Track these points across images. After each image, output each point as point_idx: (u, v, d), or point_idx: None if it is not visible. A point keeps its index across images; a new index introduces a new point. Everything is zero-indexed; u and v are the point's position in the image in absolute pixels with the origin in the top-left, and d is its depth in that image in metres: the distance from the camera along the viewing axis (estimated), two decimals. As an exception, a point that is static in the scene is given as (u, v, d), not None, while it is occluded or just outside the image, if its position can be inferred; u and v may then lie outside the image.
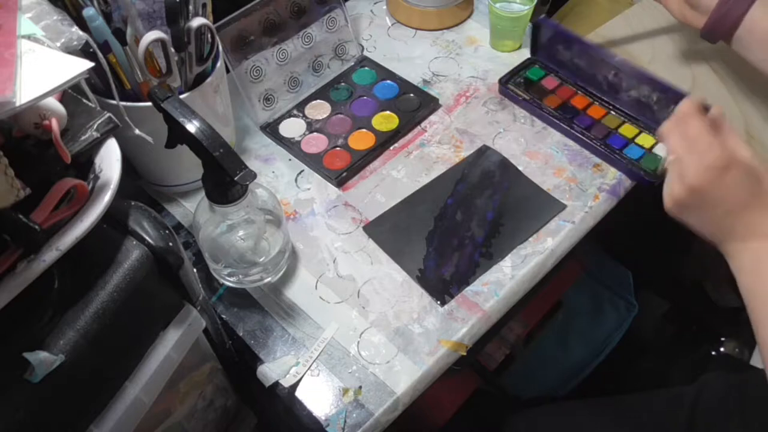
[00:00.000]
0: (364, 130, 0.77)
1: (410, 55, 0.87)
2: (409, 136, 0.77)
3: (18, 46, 0.37)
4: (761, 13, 0.64)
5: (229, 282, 0.63)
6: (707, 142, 0.51)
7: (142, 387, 0.44)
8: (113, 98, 0.50)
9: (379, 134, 0.76)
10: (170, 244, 0.43)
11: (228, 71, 0.69)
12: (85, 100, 0.44)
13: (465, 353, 0.60)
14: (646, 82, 0.72)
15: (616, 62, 0.73)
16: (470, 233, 0.67)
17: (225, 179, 0.49)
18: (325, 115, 0.79)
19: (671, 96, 0.71)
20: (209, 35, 0.61)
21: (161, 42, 0.56)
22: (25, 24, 0.39)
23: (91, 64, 0.38)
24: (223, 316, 0.62)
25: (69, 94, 0.44)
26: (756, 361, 0.95)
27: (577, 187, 0.71)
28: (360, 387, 0.57)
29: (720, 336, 1.13)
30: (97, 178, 0.41)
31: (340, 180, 0.72)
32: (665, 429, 0.69)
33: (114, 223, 0.43)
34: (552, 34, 0.80)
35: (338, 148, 0.75)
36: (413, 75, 0.83)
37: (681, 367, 0.99)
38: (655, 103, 0.75)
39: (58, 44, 0.41)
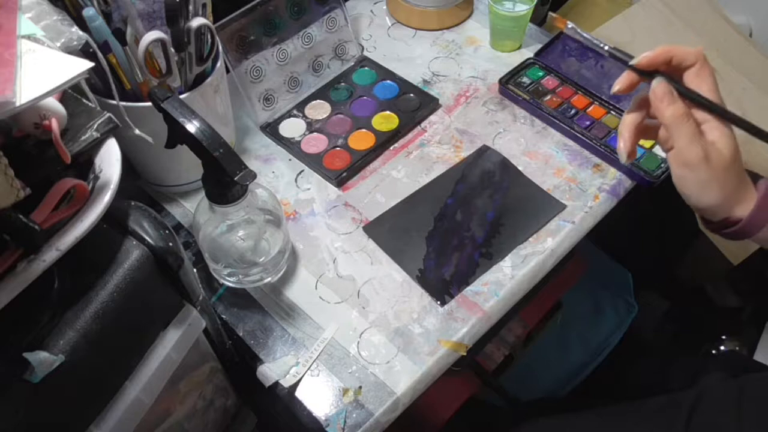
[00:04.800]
0: (364, 130, 0.77)
1: (410, 55, 0.87)
2: (409, 136, 0.77)
3: (18, 46, 0.37)
4: None
5: (229, 282, 0.63)
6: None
7: (142, 387, 0.44)
8: (113, 98, 0.50)
9: (379, 134, 0.76)
10: (170, 244, 0.43)
11: (228, 71, 0.69)
12: (85, 100, 0.44)
13: (465, 353, 0.60)
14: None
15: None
16: (470, 233, 0.67)
17: (225, 179, 0.49)
18: (325, 115, 0.79)
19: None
20: (209, 35, 0.61)
21: (161, 42, 0.56)
22: (25, 24, 0.39)
23: (91, 64, 0.38)
24: (223, 316, 0.62)
25: (69, 94, 0.44)
26: (759, 357, 0.95)
27: (577, 187, 0.71)
28: (360, 387, 0.57)
29: (720, 336, 1.13)
30: (97, 178, 0.41)
31: (340, 180, 0.72)
32: None
33: (114, 223, 0.43)
34: (578, 46, 0.81)
35: (338, 148, 0.75)
36: (413, 75, 0.83)
37: (681, 366, 0.99)
38: None
39: (58, 44, 0.41)
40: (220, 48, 0.64)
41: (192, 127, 0.47)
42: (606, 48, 0.55)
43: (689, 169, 0.52)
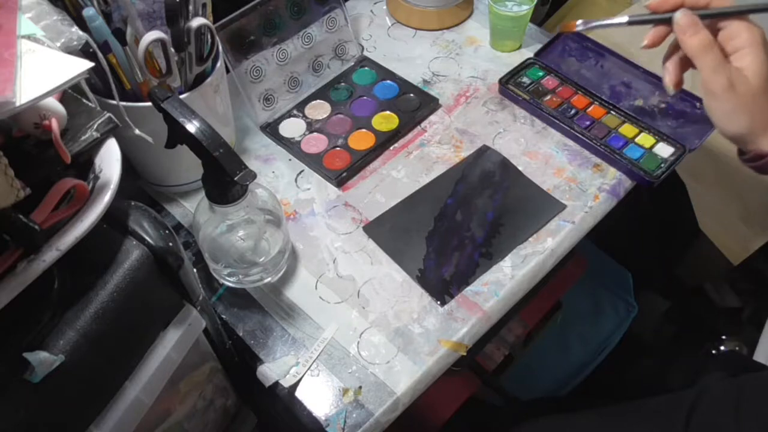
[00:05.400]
0: (364, 130, 0.77)
1: (410, 55, 0.87)
2: (409, 136, 0.77)
3: (18, 46, 0.37)
4: None
5: (229, 282, 0.63)
6: None
7: (142, 387, 0.44)
8: (113, 98, 0.50)
9: (379, 134, 0.76)
10: (170, 244, 0.43)
11: (228, 71, 0.69)
12: (85, 100, 0.44)
13: (465, 353, 0.60)
14: (680, 98, 0.75)
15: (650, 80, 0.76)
16: (470, 233, 0.67)
17: (225, 179, 0.49)
18: (325, 115, 0.79)
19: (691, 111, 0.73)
20: (209, 35, 0.61)
21: (161, 42, 0.56)
22: (25, 24, 0.39)
23: (91, 64, 0.38)
24: (223, 316, 0.62)
25: (69, 94, 0.44)
26: (759, 356, 0.95)
27: (577, 187, 0.71)
28: (360, 387, 0.57)
29: (720, 336, 1.13)
30: (97, 178, 0.41)
31: (340, 180, 0.72)
32: None
33: (114, 223, 0.43)
34: (578, 46, 0.82)
35: (338, 148, 0.75)
36: (413, 75, 0.83)
37: (681, 367, 0.99)
38: (659, 112, 0.76)
39: (58, 44, 0.41)
40: (220, 48, 0.64)
41: (192, 127, 0.47)
42: (625, 20, 0.58)
43: (714, 98, 0.54)
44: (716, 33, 0.54)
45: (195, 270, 0.64)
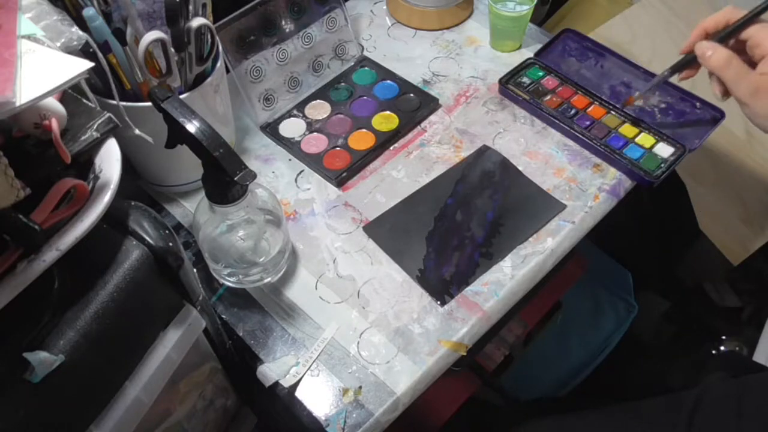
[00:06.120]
0: (364, 130, 0.77)
1: (410, 55, 0.87)
2: (409, 136, 0.77)
3: (18, 46, 0.37)
4: None
5: (229, 282, 0.63)
6: None
7: (142, 387, 0.44)
8: (113, 98, 0.50)
9: (379, 134, 0.76)
10: (170, 244, 0.43)
11: (228, 71, 0.69)
12: (85, 100, 0.44)
13: (465, 353, 0.60)
14: (680, 98, 0.76)
15: (650, 79, 0.77)
16: (470, 233, 0.67)
17: (225, 179, 0.49)
18: (325, 115, 0.79)
19: (694, 110, 0.75)
20: (209, 35, 0.61)
21: (161, 42, 0.56)
22: (25, 24, 0.39)
23: (91, 64, 0.38)
24: (223, 316, 0.62)
25: (69, 94, 0.44)
26: (759, 356, 0.96)
27: (577, 187, 0.71)
28: (360, 387, 0.57)
29: (720, 336, 1.13)
30: (97, 178, 0.41)
31: (340, 180, 0.72)
32: None
33: (114, 223, 0.43)
34: (578, 46, 0.82)
35: (338, 148, 0.75)
36: (413, 75, 0.83)
37: (681, 367, 0.99)
38: (659, 112, 0.76)
39: (58, 44, 0.41)
40: (220, 48, 0.64)
41: (192, 127, 0.47)
42: (667, 73, 0.68)
43: (744, 106, 0.58)
44: (744, 45, 0.59)
45: (195, 270, 0.64)
